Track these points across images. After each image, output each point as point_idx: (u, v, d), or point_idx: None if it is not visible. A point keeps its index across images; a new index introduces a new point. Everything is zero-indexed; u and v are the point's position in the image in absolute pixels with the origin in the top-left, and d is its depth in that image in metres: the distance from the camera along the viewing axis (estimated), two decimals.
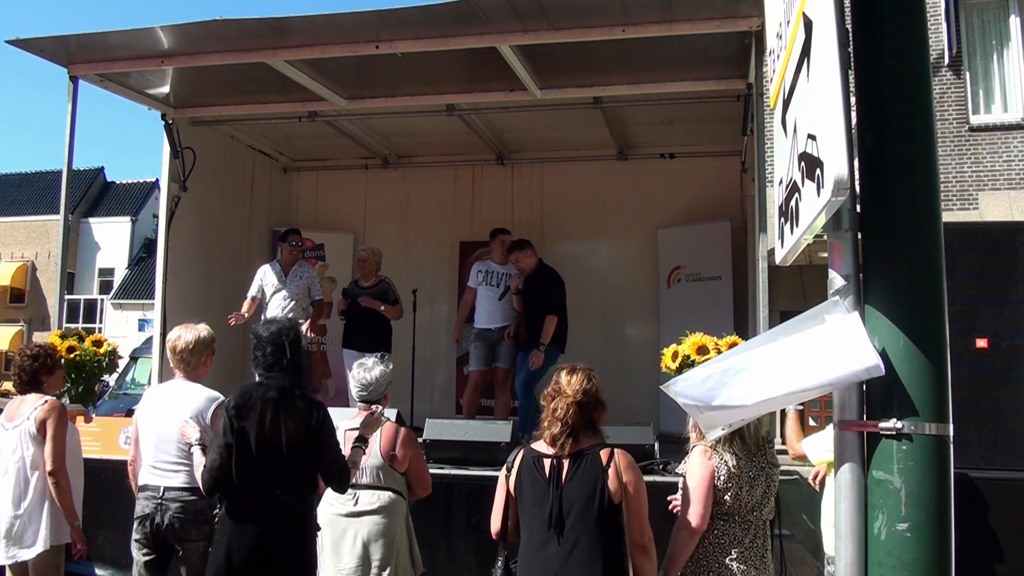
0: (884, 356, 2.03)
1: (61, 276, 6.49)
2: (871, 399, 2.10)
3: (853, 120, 2.11)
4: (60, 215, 6.42)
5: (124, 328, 31.29)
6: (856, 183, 2.08)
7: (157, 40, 5.66)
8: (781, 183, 2.61)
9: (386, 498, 3.67)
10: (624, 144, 8.14)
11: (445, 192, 8.76)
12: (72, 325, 26.86)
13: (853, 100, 2.14)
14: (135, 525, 3.73)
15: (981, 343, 4.12)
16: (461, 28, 5.28)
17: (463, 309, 7.30)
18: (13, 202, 34.43)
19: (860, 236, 2.14)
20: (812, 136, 2.14)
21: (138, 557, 3.73)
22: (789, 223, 2.45)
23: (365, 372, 3.83)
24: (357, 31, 5.47)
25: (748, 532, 3.13)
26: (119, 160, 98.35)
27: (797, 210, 2.32)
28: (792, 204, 2.39)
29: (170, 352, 3.92)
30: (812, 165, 2.12)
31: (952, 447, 2.04)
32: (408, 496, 3.80)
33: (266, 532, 3.13)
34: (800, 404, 3.22)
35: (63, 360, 5.29)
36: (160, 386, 4.02)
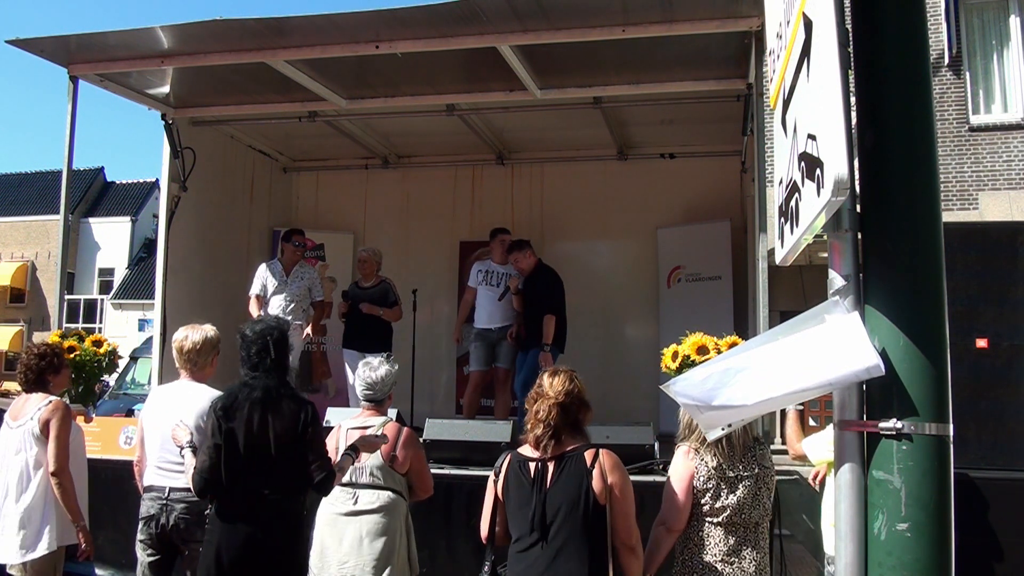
0: (884, 356, 2.03)
1: (61, 276, 6.49)
2: (871, 399, 2.10)
3: (853, 120, 2.11)
4: (60, 215, 6.41)
5: (124, 328, 31.30)
6: (856, 183, 2.08)
7: (157, 40, 5.66)
8: (781, 183, 2.61)
9: (386, 498, 3.66)
10: (624, 144, 8.14)
11: (445, 192, 8.76)
12: (72, 325, 26.91)
13: (853, 100, 2.14)
14: (140, 526, 3.72)
15: (981, 343, 4.12)
16: (461, 28, 5.28)
17: (463, 309, 7.30)
18: (13, 202, 34.45)
19: (860, 236, 2.14)
20: (812, 136, 2.14)
21: (143, 558, 3.72)
22: (789, 223, 2.45)
23: (371, 372, 3.83)
24: (357, 31, 5.47)
25: (735, 534, 3.08)
26: (119, 160, 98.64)
27: (797, 210, 2.32)
28: (792, 204, 2.39)
29: (176, 352, 3.89)
30: (812, 165, 2.12)
31: (952, 447, 2.03)
32: (409, 497, 3.79)
33: (256, 533, 3.12)
34: (800, 404, 3.21)
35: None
36: (165, 386, 4.01)
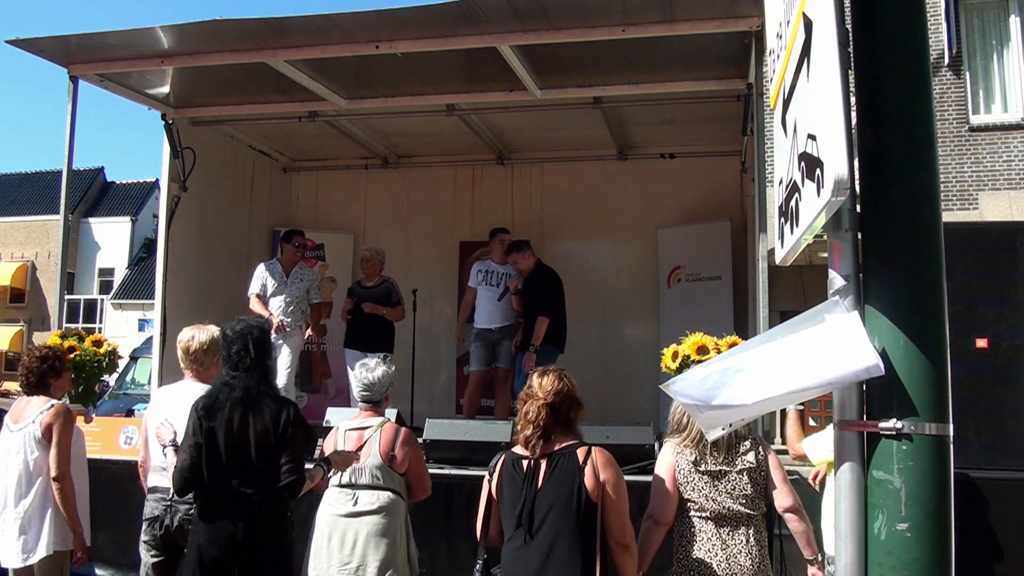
0: (884, 356, 2.03)
1: (61, 276, 6.49)
2: (871, 399, 2.10)
3: (853, 120, 2.10)
4: (60, 215, 6.42)
5: (124, 328, 31.30)
6: (856, 183, 2.08)
7: (157, 40, 5.66)
8: (781, 183, 2.61)
9: (386, 499, 3.66)
10: (624, 144, 8.13)
11: (445, 192, 8.75)
12: (72, 325, 26.86)
13: (853, 100, 2.14)
14: (144, 527, 3.72)
15: (981, 343, 4.12)
16: (461, 28, 5.28)
17: (464, 309, 7.29)
18: (13, 202, 34.46)
19: (860, 236, 2.14)
20: (812, 136, 2.14)
21: (146, 559, 3.71)
22: (789, 223, 2.45)
23: (368, 372, 3.84)
24: (357, 31, 5.47)
25: (725, 527, 3.13)
26: (119, 160, 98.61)
27: (797, 210, 2.32)
28: (792, 204, 2.39)
29: (182, 353, 3.87)
30: (812, 165, 2.11)
31: (952, 447, 2.03)
32: (408, 498, 3.79)
33: (236, 532, 3.12)
34: (800, 404, 3.23)
35: None
36: (170, 387, 3.99)
